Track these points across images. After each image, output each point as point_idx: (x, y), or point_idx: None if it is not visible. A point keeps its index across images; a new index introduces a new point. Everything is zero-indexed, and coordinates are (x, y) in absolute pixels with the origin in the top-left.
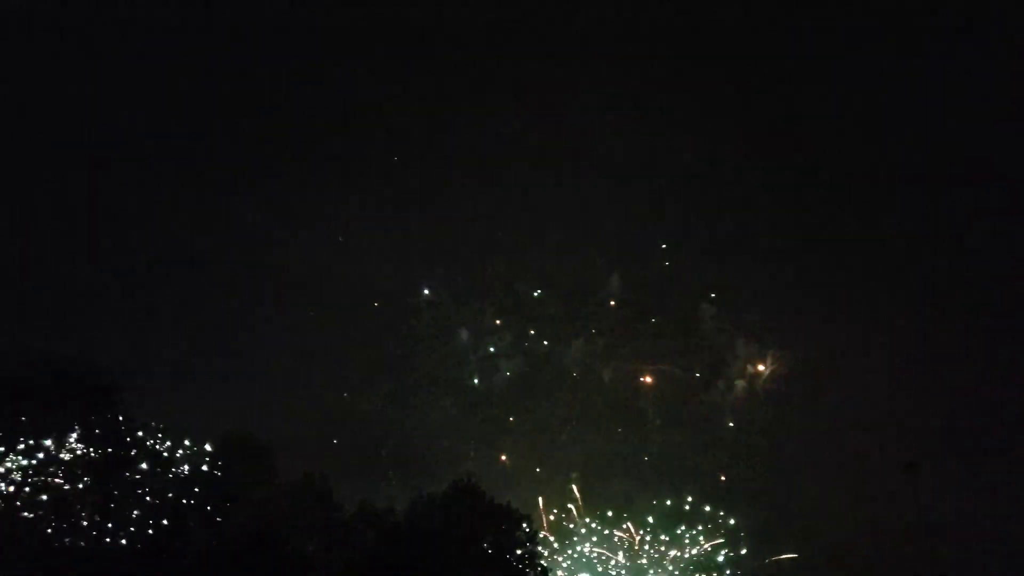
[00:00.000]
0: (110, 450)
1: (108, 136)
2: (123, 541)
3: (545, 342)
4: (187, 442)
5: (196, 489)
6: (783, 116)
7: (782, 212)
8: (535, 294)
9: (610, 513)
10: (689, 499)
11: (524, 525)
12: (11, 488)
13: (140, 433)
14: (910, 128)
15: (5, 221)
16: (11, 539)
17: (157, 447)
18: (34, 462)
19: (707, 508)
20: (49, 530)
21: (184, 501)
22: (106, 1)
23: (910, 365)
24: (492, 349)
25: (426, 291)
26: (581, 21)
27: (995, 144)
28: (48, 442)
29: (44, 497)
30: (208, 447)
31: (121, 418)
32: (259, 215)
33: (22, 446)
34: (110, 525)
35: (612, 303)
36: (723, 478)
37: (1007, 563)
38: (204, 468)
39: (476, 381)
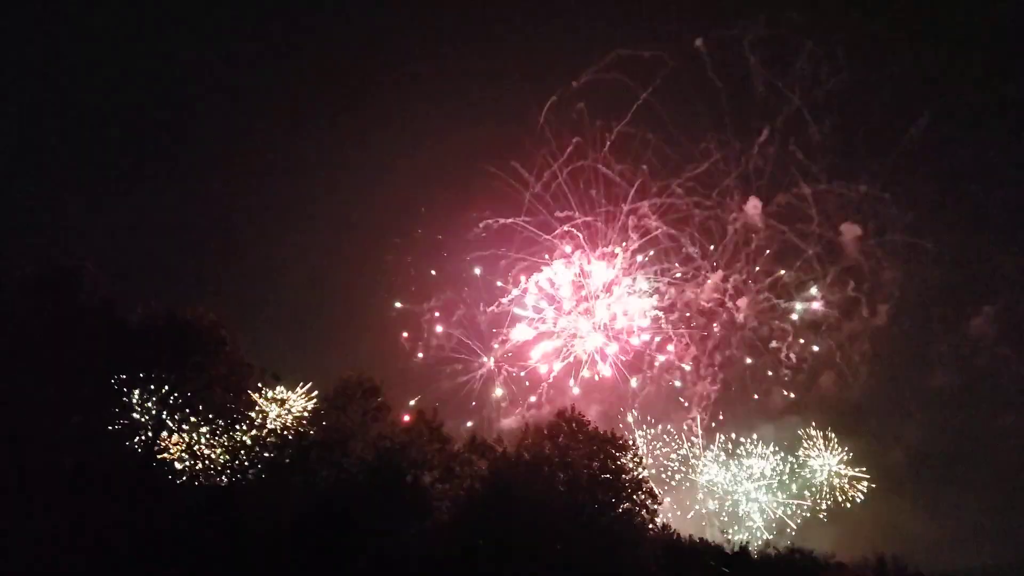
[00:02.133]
0: (231, 395)
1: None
2: (251, 477)
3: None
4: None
5: (316, 428)
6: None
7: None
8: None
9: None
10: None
11: (630, 453)
12: (148, 433)
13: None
14: None
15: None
16: (146, 480)
17: (275, 393)
18: (166, 406)
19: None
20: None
21: (304, 441)
22: None
23: None
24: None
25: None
26: None
27: None
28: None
29: (176, 439)
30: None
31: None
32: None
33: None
34: (237, 464)
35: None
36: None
37: None
38: (322, 409)
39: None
